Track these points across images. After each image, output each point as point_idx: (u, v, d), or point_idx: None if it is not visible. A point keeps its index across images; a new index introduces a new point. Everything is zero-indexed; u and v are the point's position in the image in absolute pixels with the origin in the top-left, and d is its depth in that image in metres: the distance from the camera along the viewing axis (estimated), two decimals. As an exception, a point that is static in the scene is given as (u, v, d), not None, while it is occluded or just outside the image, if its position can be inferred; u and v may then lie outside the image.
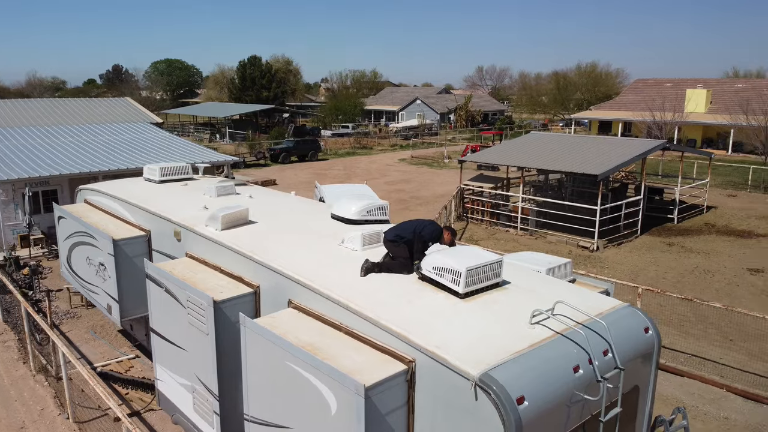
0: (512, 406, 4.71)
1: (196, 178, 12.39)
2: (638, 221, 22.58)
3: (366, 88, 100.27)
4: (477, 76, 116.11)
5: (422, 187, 31.70)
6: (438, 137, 61.50)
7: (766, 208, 27.16)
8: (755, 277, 17.32)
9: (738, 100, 47.53)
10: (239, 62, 74.83)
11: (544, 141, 25.64)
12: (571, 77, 72.35)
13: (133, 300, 9.89)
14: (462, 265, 6.06)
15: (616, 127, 55.11)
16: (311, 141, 47.74)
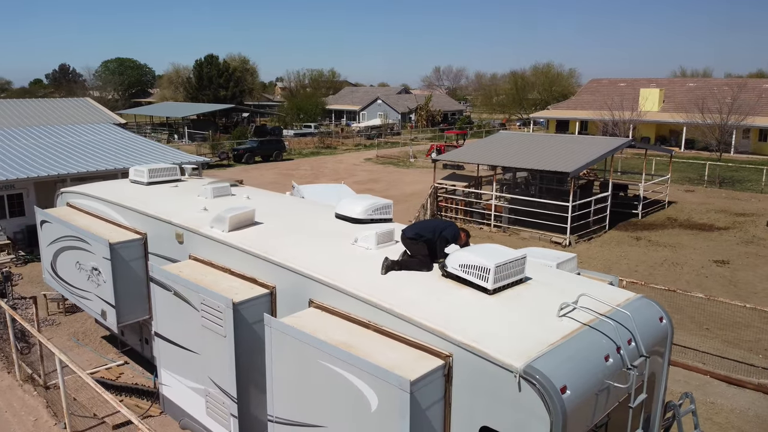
0: (557, 395, 4.88)
1: (184, 180, 12.18)
2: (606, 217, 23.32)
3: (324, 88, 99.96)
4: (434, 76, 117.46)
5: (392, 187, 31.86)
6: (401, 137, 61.85)
7: (723, 203, 28.44)
8: (722, 269, 18.15)
9: (689, 99, 49.54)
10: (195, 61, 73.47)
11: (513, 140, 26.17)
12: (528, 77, 73.83)
13: (129, 305, 9.67)
14: (491, 261, 6.20)
15: (573, 126, 56.60)
16: (276, 141, 47.31)
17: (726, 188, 32.47)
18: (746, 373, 11.05)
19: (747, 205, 27.72)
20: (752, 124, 41.41)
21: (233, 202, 10.03)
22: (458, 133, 49.90)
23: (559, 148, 23.37)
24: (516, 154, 23.23)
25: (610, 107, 44.77)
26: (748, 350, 12.18)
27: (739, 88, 40.85)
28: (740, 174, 36.36)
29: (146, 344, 10.40)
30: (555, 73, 75.58)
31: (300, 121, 69.25)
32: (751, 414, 9.76)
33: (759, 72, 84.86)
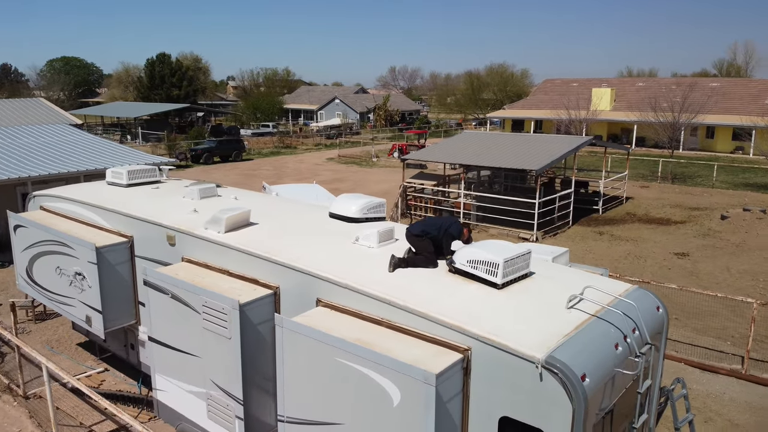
0: (579, 383, 5.07)
1: (164, 181, 11.94)
2: (570, 213, 24.03)
3: (279, 87, 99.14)
4: (390, 76, 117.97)
5: (358, 186, 31.89)
6: (361, 136, 61.92)
7: (678, 198, 29.65)
8: (683, 261, 18.96)
9: (639, 98, 51.38)
10: (147, 60, 71.78)
11: (477, 139, 26.63)
12: (483, 78, 75.05)
13: (116, 310, 9.44)
14: (499, 257, 6.37)
15: (528, 126, 57.89)
16: (235, 141, 46.69)
17: (678, 184, 33.87)
18: (717, 360, 11.62)
19: (700, 200, 28.98)
20: (702, 121, 43.32)
21: (221, 203, 9.91)
22: (418, 132, 50.33)
23: (523, 147, 23.93)
24: (481, 153, 23.65)
25: (565, 106, 45.98)
26: (717, 338, 12.80)
27: (690, 87, 42.62)
28: (691, 170, 37.98)
29: (132, 350, 10.17)
30: (509, 73, 77.08)
31: (257, 121, 68.42)
32: (726, 398, 10.28)
33: (703, 71, 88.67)
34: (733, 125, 45.64)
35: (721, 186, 32.86)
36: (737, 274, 17.52)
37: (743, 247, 20.29)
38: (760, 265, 18.15)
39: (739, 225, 23.24)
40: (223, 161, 44.24)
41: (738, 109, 47.17)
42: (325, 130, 64.54)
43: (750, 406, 9.98)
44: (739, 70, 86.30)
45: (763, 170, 36.79)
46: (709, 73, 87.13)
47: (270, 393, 7.59)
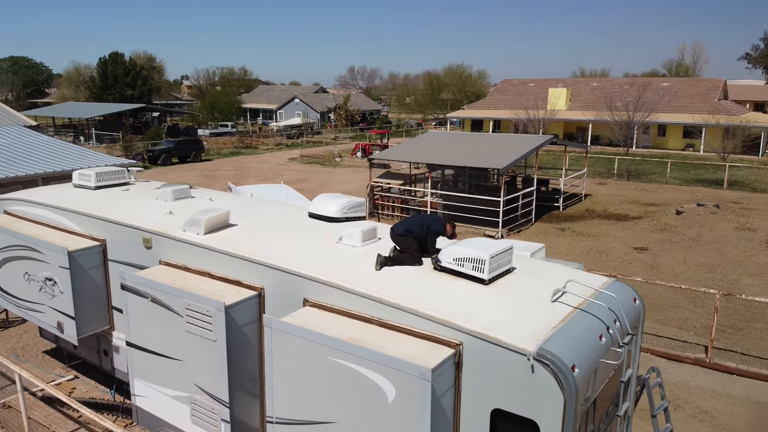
0: (570, 373, 5.24)
1: (133, 183, 11.69)
2: (532, 210, 24.54)
3: (235, 86, 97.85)
4: (349, 76, 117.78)
5: (323, 186, 31.79)
6: (323, 136, 61.68)
7: (634, 194, 30.61)
8: (642, 255, 19.61)
9: (594, 97, 52.79)
10: (100, 59, 69.73)
11: (442, 139, 26.92)
12: (442, 78, 75.76)
13: (89, 315, 9.21)
14: (485, 253, 6.50)
15: (487, 125, 58.73)
16: (193, 141, 45.90)
17: (634, 181, 34.96)
18: (682, 349, 12.10)
19: (655, 196, 29.99)
20: (655, 120, 44.78)
21: (197, 205, 9.77)
22: (380, 132, 50.48)
23: (486, 146, 24.32)
24: (447, 153, 23.92)
25: (524, 106, 46.88)
26: (679, 328, 13.32)
27: (644, 87, 44.01)
28: (645, 167, 39.24)
29: (105, 356, 9.93)
30: (467, 74, 78.03)
31: (215, 120, 67.36)
32: (693, 386, 10.72)
33: (653, 71, 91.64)
34: (684, 123, 47.39)
35: (674, 182, 34.07)
36: (694, 266, 18.23)
37: (699, 241, 21.12)
38: (716, 258, 18.94)
39: (694, 220, 24.18)
40: (181, 162, 43.43)
41: (688, 108, 48.97)
42: (285, 129, 64.04)
43: (716, 393, 10.44)
44: (687, 69, 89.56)
45: (713, 167, 38.32)
46: (659, 73, 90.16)
47: (255, 395, 7.57)
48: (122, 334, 9.34)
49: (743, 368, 11.02)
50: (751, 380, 10.77)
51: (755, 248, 19.88)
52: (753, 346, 12.11)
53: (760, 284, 16.22)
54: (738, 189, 31.57)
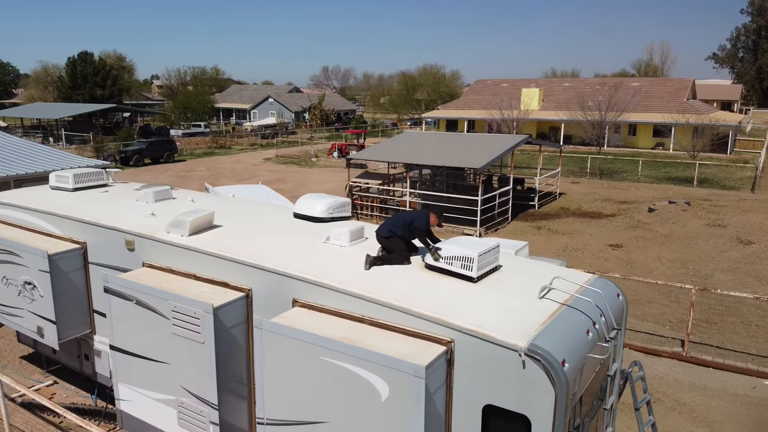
0: (560, 368, 5.34)
1: (111, 185, 11.51)
2: (509, 209, 24.82)
3: (207, 85, 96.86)
4: (323, 75, 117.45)
5: (300, 187, 31.67)
6: (298, 136, 61.39)
7: (606, 192, 31.15)
8: (617, 251, 19.99)
9: (566, 98, 53.53)
10: (68, 59, 68.28)
11: (420, 139, 27.05)
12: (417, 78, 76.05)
13: (70, 319, 9.05)
14: (474, 251, 6.58)
15: (461, 125, 59.13)
16: (166, 141, 45.29)
17: (606, 179, 35.58)
18: (659, 344, 12.38)
19: (628, 194, 30.57)
20: (627, 119, 45.59)
21: (179, 206, 9.68)
22: (356, 132, 50.45)
23: (463, 146, 24.51)
24: (425, 152, 24.04)
25: (499, 107, 47.31)
26: (656, 323, 13.62)
27: (615, 87, 44.78)
28: (616, 166, 39.95)
29: (86, 360, 9.76)
30: (441, 74, 78.46)
31: (187, 120, 66.55)
32: (671, 379, 10.98)
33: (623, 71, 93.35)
34: (654, 122, 48.37)
35: (645, 180, 34.76)
36: (668, 262, 18.65)
37: (671, 238, 21.60)
38: (688, 254, 19.40)
39: (666, 217, 24.71)
40: (154, 163, 42.84)
41: (658, 107, 49.99)
42: (259, 129, 63.57)
43: (693, 386, 10.71)
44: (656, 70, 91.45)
45: (683, 165, 39.20)
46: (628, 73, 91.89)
47: (243, 396, 7.54)
48: (104, 338, 9.21)
49: (719, 361, 11.32)
50: (726, 373, 11.08)
51: (726, 244, 20.42)
52: (727, 340, 12.45)
53: (732, 279, 16.67)
54: (707, 186, 32.36)
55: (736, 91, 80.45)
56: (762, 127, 66.68)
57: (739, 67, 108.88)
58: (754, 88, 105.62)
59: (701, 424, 9.50)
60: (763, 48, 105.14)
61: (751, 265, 18.04)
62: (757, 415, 9.71)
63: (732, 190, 31.33)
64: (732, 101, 76.04)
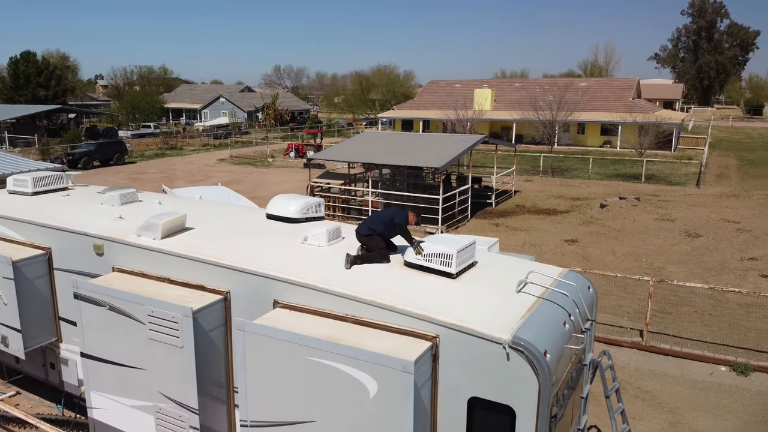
0: (543, 359, 5.54)
1: (72, 188, 11.18)
2: (468, 207, 25.23)
3: (155, 85, 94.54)
4: (275, 75, 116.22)
5: (258, 187, 31.33)
6: (252, 136, 60.60)
7: (559, 189, 32.01)
8: (573, 247, 20.61)
9: (517, 98, 54.63)
10: (10, 59, 65.52)
11: (380, 139, 27.19)
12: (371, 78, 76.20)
13: (36, 327, 8.77)
14: (452, 248, 6.73)
15: (417, 125, 59.61)
16: (116, 143, 44.04)
17: (558, 177, 36.55)
18: (619, 334, 12.85)
19: (579, 191, 31.50)
20: (577, 119, 46.90)
21: (146, 209, 9.50)
22: (313, 132, 50.22)
23: (423, 146, 24.77)
24: (386, 152, 24.18)
25: (452, 107, 47.88)
26: (614, 314, 14.13)
27: (566, 87, 46.01)
28: (567, 164, 41.09)
29: (52, 369, 9.46)
30: (395, 74, 78.87)
31: (136, 121, 64.81)
32: (632, 368, 11.44)
33: (570, 71, 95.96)
34: (602, 121, 49.98)
35: (596, 177, 35.88)
36: (622, 256, 19.35)
37: (623, 232, 22.41)
38: (640, 248, 20.17)
39: (617, 212, 25.60)
40: (103, 165, 41.58)
41: (605, 107, 51.67)
42: (211, 129, 62.45)
43: (654, 374, 11.19)
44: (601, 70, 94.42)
45: (630, 162, 40.62)
46: (575, 74, 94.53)
47: (223, 400, 7.48)
48: (71, 346, 8.98)
49: (677, 349, 11.86)
50: (684, 360, 11.62)
51: (675, 237, 21.33)
52: (683, 329, 13.04)
53: (683, 271, 17.44)
54: (654, 182, 33.66)
55: (678, 90, 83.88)
56: (703, 125, 69.79)
57: (680, 67, 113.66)
58: (694, 87, 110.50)
59: (664, 410, 9.95)
60: (703, 48, 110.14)
61: (700, 257, 18.92)
62: (716, 400, 10.23)
63: (678, 185, 32.70)
64: (674, 100, 79.28)
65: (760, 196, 28.86)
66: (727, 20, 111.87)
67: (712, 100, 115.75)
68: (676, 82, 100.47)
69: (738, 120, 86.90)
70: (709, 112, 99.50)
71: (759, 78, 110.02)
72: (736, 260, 18.39)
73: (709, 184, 32.74)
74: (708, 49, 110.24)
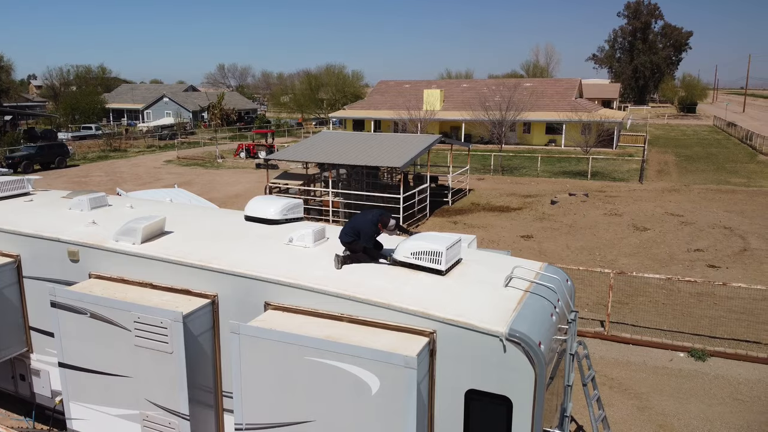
0: (539, 350, 5.78)
1: (34, 193, 10.77)
2: (427, 206, 25.58)
3: (93, 85, 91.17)
4: (219, 73, 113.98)
5: (210, 189, 30.76)
6: (198, 137, 59.30)
7: (510, 187, 32.81)
8: (529, 242, 21.21)
9: (465, 98, 55.62)
10: (-63, 57, 61.76)
11: (337, 139, 27.16)
12: (321, 77, 75.84)
13: (6, 338, 8.43)
14: (441, 246, 6.91)
15: (368, 125, 59.77)
16: (57, 145, 42.26)
17: (508, 175, 37.43)
18: (581, 325, 13.33)
19: (529, 188, 32.37)
20: (525, 118, 48.10)
21: (118, 213, 9.29)
22: (263, 132, 49.58)
23: (381, 145, 24.93)
24: (344, 152, 24.20)
25: (404, 107, 48.35)
26: (575, 306, 14.66)
27: (514, 88, 47.13)
28: (515, 162, 42.13)
29: (22, 381, 9.10)
30: (344, 74, 78.78)
31: (76, 123, 62.34)
32: (597, 357, 11.93)
33: (513, 72, 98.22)
34: (547, 120, 51.45)
35: (544, 175, 36.94)
36: (576, 250, 20.06)
37: (575, 227, 23.22)
38: (593, 242, 20.97)
39: (568, 208, 26.49)
40: (44, 168, 39.84)
41: (549, 106, 53.20)
42: (156, 130, 60.77)
43: (618, 362, 11.71)
44: (543, 71, 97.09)
45: (575, 159, 42.04)
46: (518, 74, 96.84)
47: (211, 405, 7.42)
48: (43, 356, 8.70)
49: (637, 338, 12.45)
50: (645, 348, 12.21)
51: (624, 231, 22.27)
52: (640, 318, 13.68)
53: (635, 263, 18.25)
54: (600, 179, 34.95)
55: (615, 89, 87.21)
56: (640, 123, 72.87)
57: (616, 67, 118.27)
58: (630, 87, 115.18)
59: (630, 396, 10.45)
60: (638, 49, 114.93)
61: (649, 249, 19.84)
62: (677, 384, 10.82)
63: (622, 181, 34.06)
64: (611, 99, 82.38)
65: (700, 190, 30.46)
66: (661, 21, 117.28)
67: (647, 98, 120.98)
68: (613, 81, 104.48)
69: (673, 118, 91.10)
70: (645, 110, 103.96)
71: (692, 77, 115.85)
72: (683, 252, 19.39)
73: (651, 180, 34.27)
74: (643, 50, 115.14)
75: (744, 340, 12.40)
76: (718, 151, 48.04)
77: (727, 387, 10.64)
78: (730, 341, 12.34)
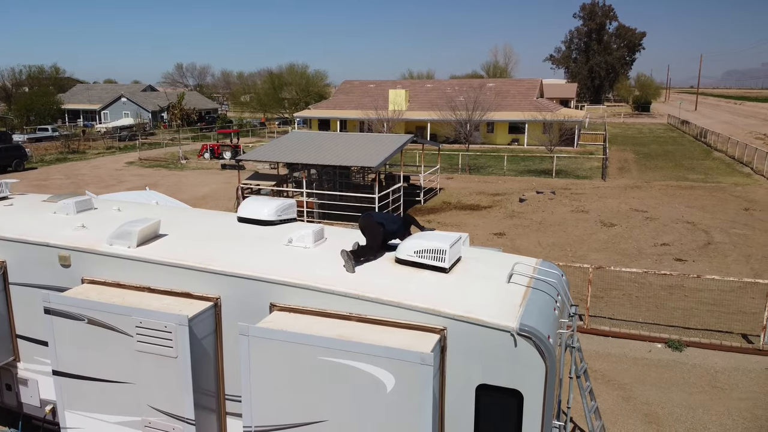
0: (548, 343, 5.95)
1: (12, 197, 10.42)
2: (401, 205, 25.74)
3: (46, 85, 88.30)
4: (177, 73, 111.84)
5: (177, 191, 30.20)
6: (159, 137, 58.08)
7: (479, 186, 33.29)
8: (502, 239, 21.59)
9: (430, 98, 56.08)
10: None
11: (309, 139, 27.05)
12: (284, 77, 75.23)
13: (-9, 347, 8.16)
14: (445, 244, 7.02)
15: (334, 125, 59.63)
16: (14, 148, 40.85)
17: (475, 174, 37.96)
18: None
19: (497, 186, 32.91)
20: (490, 118, 48.76)
21: (107, 216, 9.08)
22: (228, 132, 48.95)
23: (352, 146, 24.97)
24: (316, 152, 24.14)
25: (370, 106, 48.42)
26: (554, 301, 15.02)
27: (480, 88, 47.74)
28: (482, 161, 42.76)
29: (8, 391, 8.81)
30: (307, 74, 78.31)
31: (30, 124, 60.27)
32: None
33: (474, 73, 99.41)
34: (510, 120, 52.34)
35: (510, 173, 37.60)
36: (548, 246, 20.53)
37: (545, 224, 23.74)
38: (563, 238, 21.48)
39: (536, 206, 27.05)
40: (1, 172, 38.47)
41: (512, 106, 54.11)
42: (115, 131, 59.25)
43: (599, 354, 12.06)
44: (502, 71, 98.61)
45: (538, 158, 42.92)
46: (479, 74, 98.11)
47: (214, 409, 7.35)
48: (30, 365, 8.47)
49: (615, 330, 12.85)
50: (624, 340, 12.61)
51: (592, 227, 22.88)
52: (616, 312, 14.11)
53: (604, 258, 18.79)
54: (564, 177, 35.78)
55: (572, 89, 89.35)
56: (597, 122, 74.76)
57: (573, 68, 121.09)
58: (586, 86, 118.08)
59: (614, 387, 10.78)
60: (594, 49, 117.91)
61: (618, 244, 20.45)
62: (658, 374, 11.21)
63: (586, 179, 34.94)
64: (569, 98, 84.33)
65: (661, 187, 31.51)
66: (616, 23, 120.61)
67: (602, 98, 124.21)
68: (569, 81, 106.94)
69: (628, 116, 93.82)
70: (601, 109, 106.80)
71: (646, 77, 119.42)
72: (650, 246, 20.05)
73: (613, 177, 35.25)
74: (598, 50, 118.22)
75: (717, 330, 12.93)
76: (675, 149, 49.74)
77: (705, 375, 11.10)
78: (704, 332, 12.86)
